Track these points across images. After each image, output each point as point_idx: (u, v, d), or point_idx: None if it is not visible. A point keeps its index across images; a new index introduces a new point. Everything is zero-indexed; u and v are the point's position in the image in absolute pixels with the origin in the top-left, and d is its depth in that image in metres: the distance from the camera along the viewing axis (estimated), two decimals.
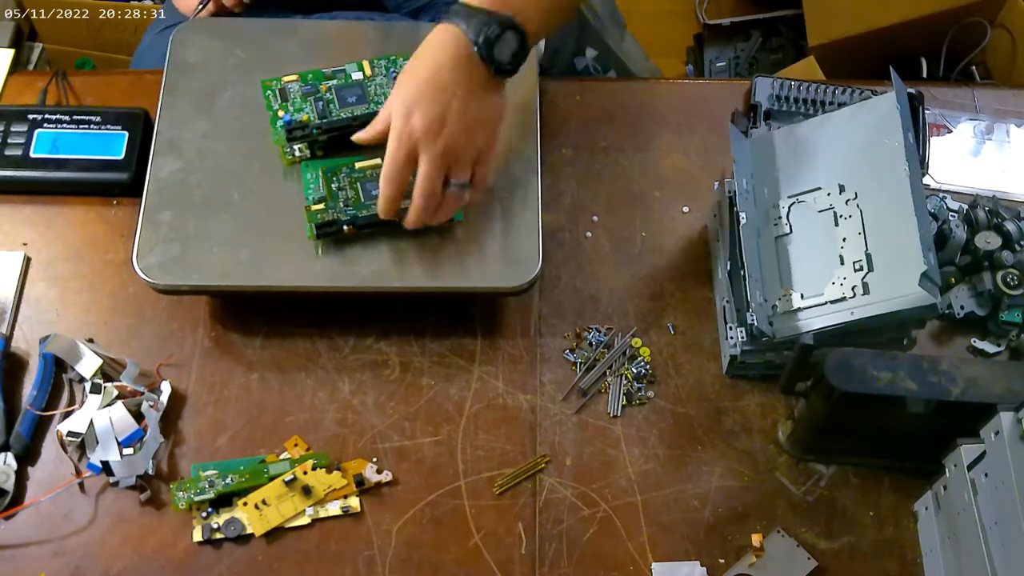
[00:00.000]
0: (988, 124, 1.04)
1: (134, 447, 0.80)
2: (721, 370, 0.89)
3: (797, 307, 0.82)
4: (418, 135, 0.76)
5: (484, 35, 0.75)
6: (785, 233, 0.85)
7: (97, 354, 0.84)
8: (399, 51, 0.88)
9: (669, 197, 0.98)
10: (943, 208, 0.94)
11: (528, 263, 0.83)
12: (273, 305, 0.90)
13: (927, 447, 0.78)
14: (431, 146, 0.77)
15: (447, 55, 0.76)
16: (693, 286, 0.93)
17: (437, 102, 0.76)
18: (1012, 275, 0.89)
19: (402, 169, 0.78)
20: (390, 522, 0.81)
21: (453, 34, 0.76)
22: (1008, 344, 0.90)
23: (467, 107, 0.76)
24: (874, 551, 0.82)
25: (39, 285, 0.90)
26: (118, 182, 0.93)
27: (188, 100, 0.90)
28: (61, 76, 1.01)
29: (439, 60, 0.76)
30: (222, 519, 0.80)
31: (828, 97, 1.01)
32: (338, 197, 0.82)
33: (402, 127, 0.76)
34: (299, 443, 0.84)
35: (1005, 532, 0.68)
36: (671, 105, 1.04)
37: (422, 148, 0.77)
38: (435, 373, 0.88)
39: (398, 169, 0.78)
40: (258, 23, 0.98)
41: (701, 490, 0.84)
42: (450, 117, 0.76)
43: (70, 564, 0.78)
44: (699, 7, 1.72)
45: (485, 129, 0.79)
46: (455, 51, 0.76)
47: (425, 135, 0.76)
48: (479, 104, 0.77)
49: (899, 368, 0.74)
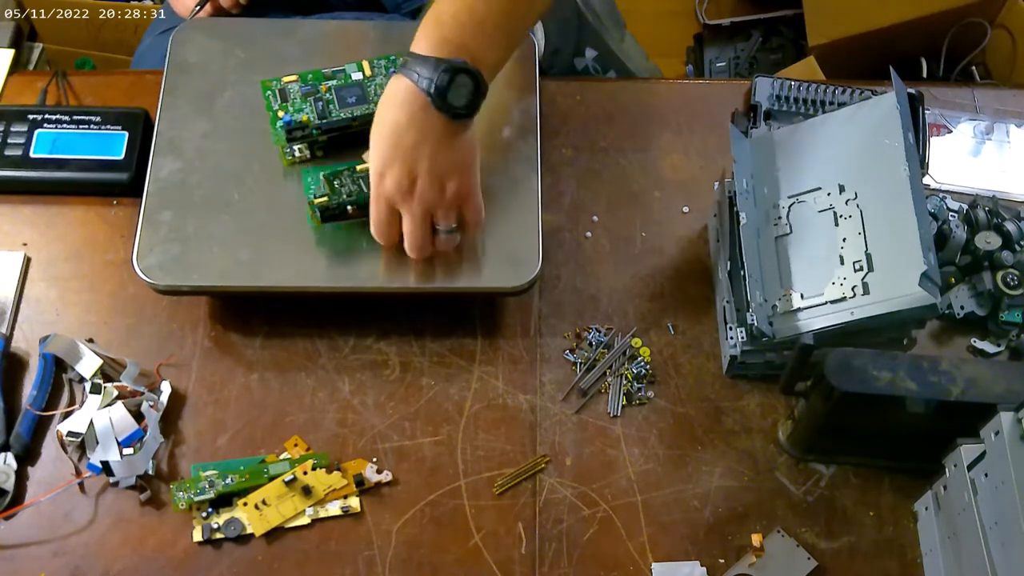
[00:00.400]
0: (988, 124, 1.04)
1: (134, 447, 0.80)
2: (721, 370, 0.89)
3: (797, 307, 0.82)
4: (394, 197, 0.78)
5: (435, 84, 0.74)
6: (785, 233, 0.85)
7: (97, 354, 0.84)
8: (399, 50, 0.88)
9: (669, 197, 0.98)
10: (943, 208, 0.94)
11: (528, 263, 0.83)
12: (273, 305, 0.90)
13: (927, 447, 0.78)
14: (408, 205, 0.78)
15: (404, 111, 0.75)
16: (693, 286, 0.93)
17: (404, 161, 0.76)
18: (1012, 275, 0.89)
19: (388, 226, 0.80)
20: (390, 522, 0.81)
21: (406, 87, 0.75)
22: (1008, 344, 0.90)
23: (434, 160, 0.76)
24: (874, 551, 0.82)
25: (39, 285, 0.90)
26: (118, 182, 0.93)
27: (188, 100, 0.90)
28: (61, 76, 1.01)
29: (398, 118, 0.76)
30: (222, 519, 0.80)
31: (828, 97, 1.01)
32: (340, 192, 0.82)
33: (378, 191, 0.78)
34: (299, 443, 0.84)
35: (1005, 532, 0.68)
36: (671, 105, 1.04)
37: (400, 207, 0.78)
38: (435, 373, 0.88)
39: (384, 228, 0.80)
40: (258, 23, 0.98)
41: (701, 490, 0.84)
42: (420, 174, 0.76)
43: (70, 564, 0.78)
44: (699, 7, 1.72)
45: (458, 174, 0.78)
46: (410, 105, 0.75)
47: (400, 196, 0.77)
48: (446, 153, 0.77)
49: (899, 368, 0.74)
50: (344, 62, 0.88)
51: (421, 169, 0.76)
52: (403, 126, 0.76)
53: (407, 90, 0.75)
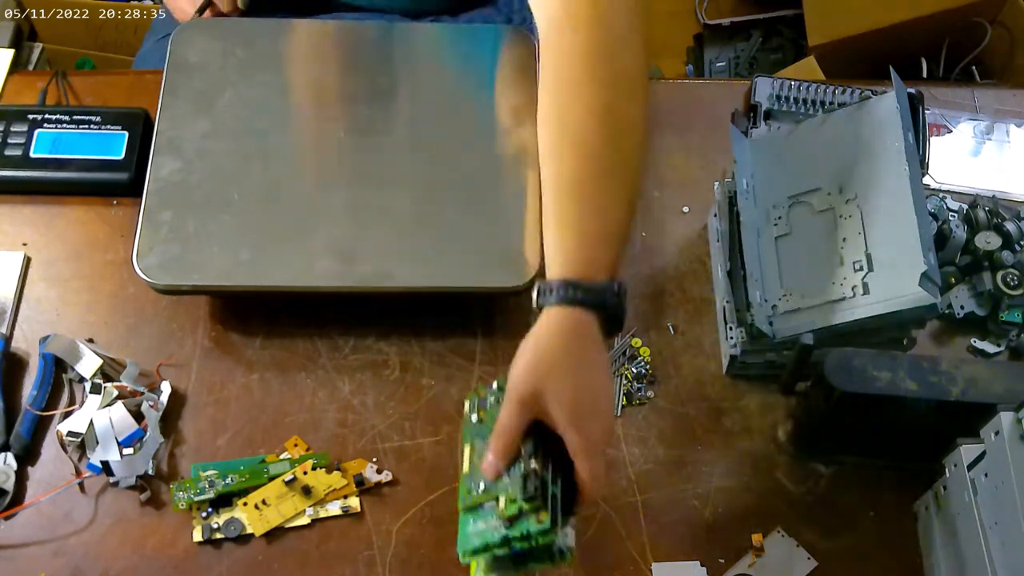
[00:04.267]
0: (988, 124, 1.04)
1: (134, 447, 0.80)
2: (721, 370, 0.89)
3: (797, 307, 0.82)
4: (603, 444, 0.68)
5: (608, 309, 0.67)
6: (785, 233, 0.85)
7: (97, 354, 0.84)
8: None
9: (669, 197, 0.98)
10: (943, 208, 0.94)
11: (528, 263, 0.83)
12: (273, 305, 0.90)
13: (927, 447, 0.78)
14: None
15: (592, 345, 0.67)
16: (693, 286, 0.93)
17: (607, 412, 0.69)
18: (1012, 275, 0.89)
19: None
20: (390, 522, 0.81)
21: (579, 320, 0.66)
22: (1008, 344, 0.90)
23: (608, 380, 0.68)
24: (874, 551, 0.82)
25: (39, 285, 0.90)
26: (118, 182, 0.93)
27: (188, 100, 0.90)
28: (61, 76, 1.01)
29: (589, 357, 0.67)
30: (222, 519, 0.80)
31: (828, 97, 1.01)
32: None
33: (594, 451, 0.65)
34: (299, 443, 0.84)
35: (1005, 532, 0.68)
36: (671, 105, 1.04)
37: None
38: (435, 373, 0.88)
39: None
40: (258, 23, 0.98)
41: (701, 490, 0.84)
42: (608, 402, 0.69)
43: (70, 564, 0.78)
44: (699, 7, 1.72)
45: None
46: (593, 338, 0.67)
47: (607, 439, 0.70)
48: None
49: (899, 368, 0.74)
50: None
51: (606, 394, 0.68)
52: (596, 365, 0.67)
53: (582, 323, 0.67)
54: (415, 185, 0.87)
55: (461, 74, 0.95)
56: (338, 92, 0.93)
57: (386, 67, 0.94)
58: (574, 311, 0.67)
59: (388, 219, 0.85)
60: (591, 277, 0.67)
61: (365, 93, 0.92)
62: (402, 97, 0.93)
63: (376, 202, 0.86)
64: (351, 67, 0.95)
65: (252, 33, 0.95)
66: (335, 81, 0.94)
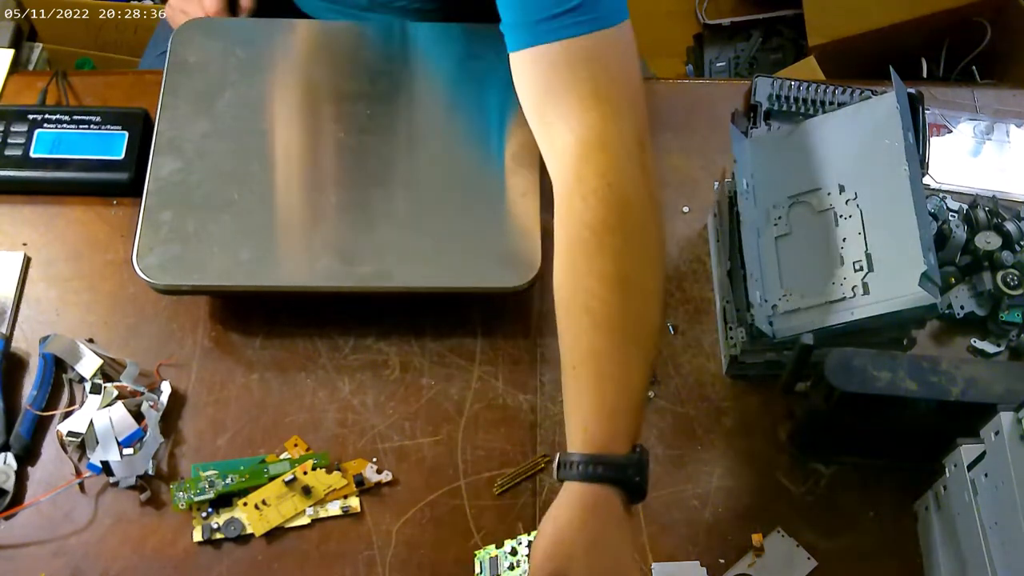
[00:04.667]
0: (988, 124, 1.04)
1: (134, 447, 0.80)
2: (721, 370, 0.89)
3: (797, 307, 0.82)
4: None
5: (634, 482, 0.67)
6: (785, 233, 0.85)
7: (97, 354, 0.84)
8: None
9: (669, 197, 0.98)
10: (943, 208, 0.94)
11: (528, 263, 0.83)
12: (273, 305, 0.90)
13: (927, 447, 0.78)
14: None
15: (612, 521, 0.66)
16: (693, 286, 0.93)
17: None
18: (1012, 275, 0.89)
19: None
20: (390, 522, 0.81)
21: (604, 497, 0.66)
22: (1008, 344, 0.90)
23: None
24: (874, 551, 0.82)
25: (39, 285, 0.90)
26: (118, 182, 0.93)
27: (188, 100, 0.90)
28: (61, 76, 1.01)
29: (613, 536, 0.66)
30: (222, 519, 0.80)
31: (828, 97, 1.01)
32: None
33: None
34: (299, 443, 0.84)
35: (1005, 532, 0.68)
36: (671, 105, 1.04)
37: None
38: (435, 373, 0.88)
39: None
40: (258, 23, 0.98)
41: (701, 490, 0.84)
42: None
43: (70, 564, 0.78)
44: (699, 7, 1.72)
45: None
46: (618, 516, 0.66)
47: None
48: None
49: (899, 368, 0.74)
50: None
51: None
52: (617, 544, 0.66)
53: (604, 499, 0.66)
54: (415, 185, 0.87)
55: (461, 74, 0.95)
56: (338, 92, 0.93)
57: (386, 67, 0.94)
58: (596, 488, 0.66)
59: (388, 219, 0.85)
60: (613, 450, 0.67)
61: (365, 93, 0.92)
62: (402, 97, 0.93)
63: (376, 202, 0.86)
64: (351, 67, 0.95)
65: (252, 33, 0.95)
66: (335, 81, 0.94)
